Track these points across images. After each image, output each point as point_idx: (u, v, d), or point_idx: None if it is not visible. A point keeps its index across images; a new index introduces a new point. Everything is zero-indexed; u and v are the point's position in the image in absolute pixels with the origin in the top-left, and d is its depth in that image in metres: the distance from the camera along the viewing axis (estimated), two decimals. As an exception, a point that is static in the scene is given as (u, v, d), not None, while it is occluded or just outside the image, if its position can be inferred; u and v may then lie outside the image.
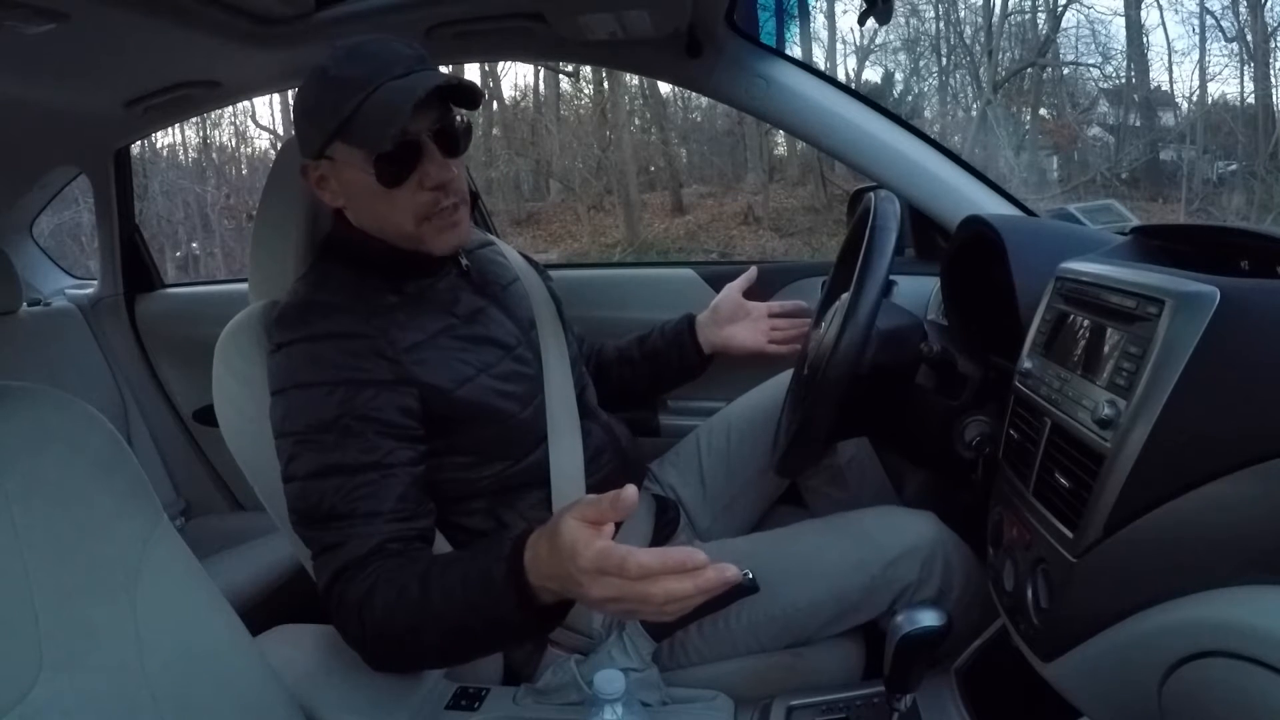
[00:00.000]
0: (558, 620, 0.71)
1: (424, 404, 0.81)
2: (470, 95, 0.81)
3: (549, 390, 0.93)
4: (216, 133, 8.08)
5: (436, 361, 0.83)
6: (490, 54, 1.51)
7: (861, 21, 1.26)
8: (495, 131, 8.06)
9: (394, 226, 0.83)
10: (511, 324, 0.93)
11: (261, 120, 8.10)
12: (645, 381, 1.20)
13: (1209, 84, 6.59)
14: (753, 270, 1.25)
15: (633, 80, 7.67)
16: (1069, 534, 0.62)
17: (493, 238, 1.09)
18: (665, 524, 1.06)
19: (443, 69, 0.91)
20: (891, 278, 0.98)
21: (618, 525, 0.98)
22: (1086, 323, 0.69)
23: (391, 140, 0.76)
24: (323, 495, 0.75)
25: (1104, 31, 6.92)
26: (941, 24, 7.41)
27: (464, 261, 0.93)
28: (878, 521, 0.95)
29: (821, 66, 6.62)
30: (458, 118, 0.83)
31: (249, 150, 8.28)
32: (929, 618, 0.70)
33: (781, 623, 0.90)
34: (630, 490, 0.61)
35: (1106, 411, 0.59)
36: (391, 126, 0.75)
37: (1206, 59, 6.54)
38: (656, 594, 0.58)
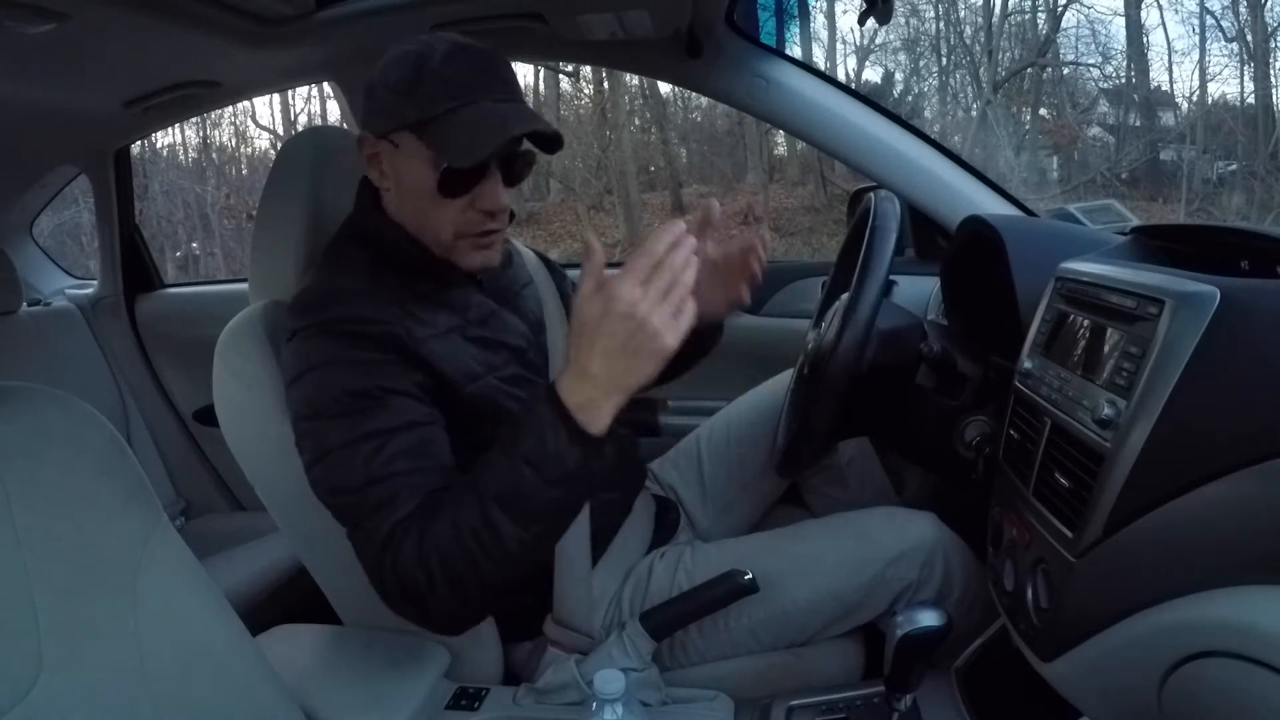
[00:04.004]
0: (609, 459, 0.71)
1: (438, 390, 0.81)
2: (552, 143, 0.82)
3: None
4: (216, 133, 8.09)
5: (448, 355, 0.82)
6: (490, 54, 1.51)
7: (861, 21, 1.26)
8: (495, 131, 8.04)
9: (431, 231, 0.83)
10: (523, 326, 0.93)
11: (261, 120, 8.12)
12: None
13: (1209, 84, 6.60)
14: (712, 204, 0.91)
15: (633, 80, 7.68)
16: (1069, 534, 0.62)
17: (507, 237, 1.08)
18: (665, 524, 1.06)
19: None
20: (891, 278, 0.98)
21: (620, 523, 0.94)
22: (1086, 323, 0.69)
23: (472, 161, 0.76)
24: (361, 460, 0.72)
25: (1104, 31, 6.94)
26: (941, 24, 7.42)
27: None
28: (878, 521, 0.95)
29: (821, 66, 6.62)
30: (527, 146, 0.83)
31: (249, 150, 8.29)
32: (929, 618, 0.70)
33: (782, 622, 0.90)
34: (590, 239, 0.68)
35: (1106, 411, 0.59)
36: (478, 149, 0.76)
37: (1206, 59, 6.55)
38: (676, 267, 0.63)
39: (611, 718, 0.66)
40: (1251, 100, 6.42)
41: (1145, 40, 6.81)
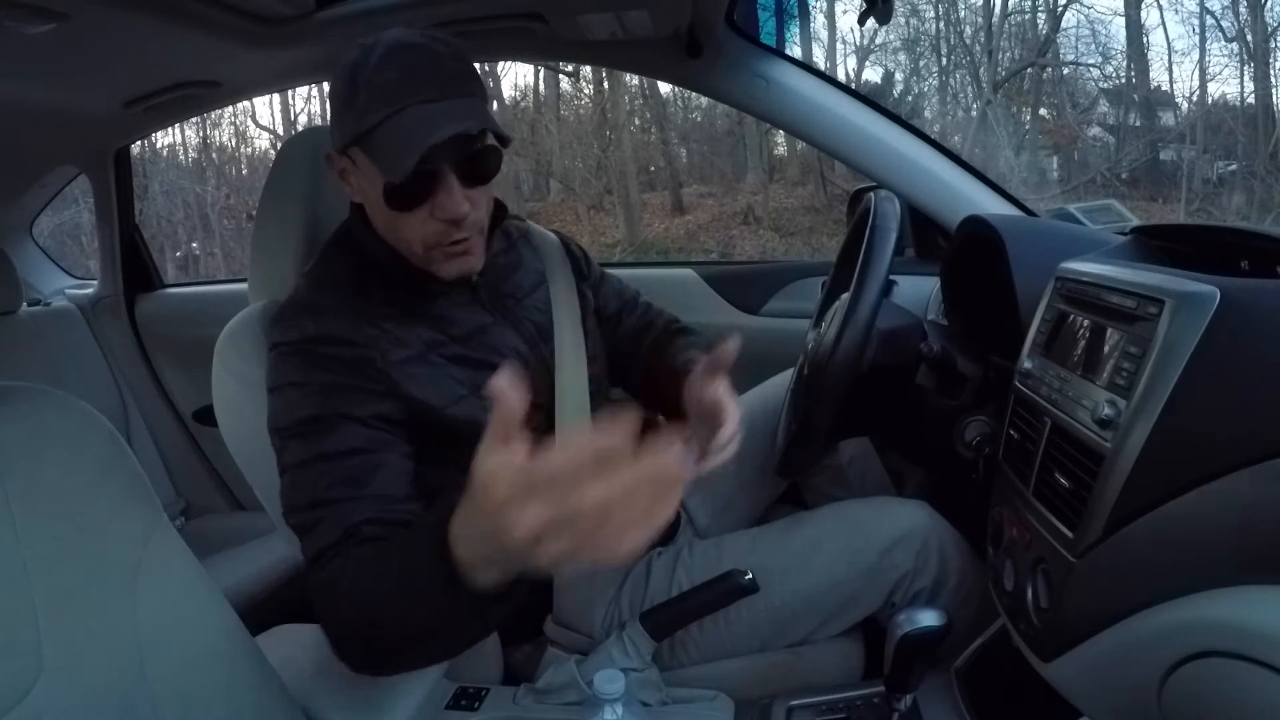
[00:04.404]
0: (500, 608, 0.60)
1: (412, 416, 0.80)
2: (487, 160, 0.77)
3: (561, 402, 0.90)
4: (216, 133, 8.08)
5: (426, 377, 0.81)
6: (490, 54, 1.52)
7: (861, 21, 1.26)
8: (495, 131, 8.04)
9: (403, 244, 0.81)
10: (518, 340, 0.89)
11: (261, 120, 8.11)
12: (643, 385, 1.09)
13: (1209, 84, 6.60)
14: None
15: (633, 80, 7.67)
16: (1069, 534, 0.62)
17: (529, 225, 1.02)
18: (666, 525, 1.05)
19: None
20: (891, 278, 0.98)
21: None
22: (1086, 323, 0.69)
23: (401, 174, 0.72)
24: (308, 483, 0.74)
25: (1104, 31, 6.93)
26: (941, 24, 7.41)
27: (474, 277, 0.89)
28: (870, 511, 0.96)
29: (821, 66, 6.62)
30: (489, 141, 0.77)
31: (249, 150, 8.28)
32: (929, 618, 0.71)
33: (782, 616, 0.90)
34: (502, 379, 0.47)
35: (1106, 411, 0.59)
36: (405, 159, 0.71)
37: (1206, 59, 6.55)
38: (585, 506, 0.44)
39: (611, 718, 0.66)
40: (1251, 100, 6.42)
41: (1145, 40, 6.81)
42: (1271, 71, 6.39)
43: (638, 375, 1.07)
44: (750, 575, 0.86)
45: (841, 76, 7.38)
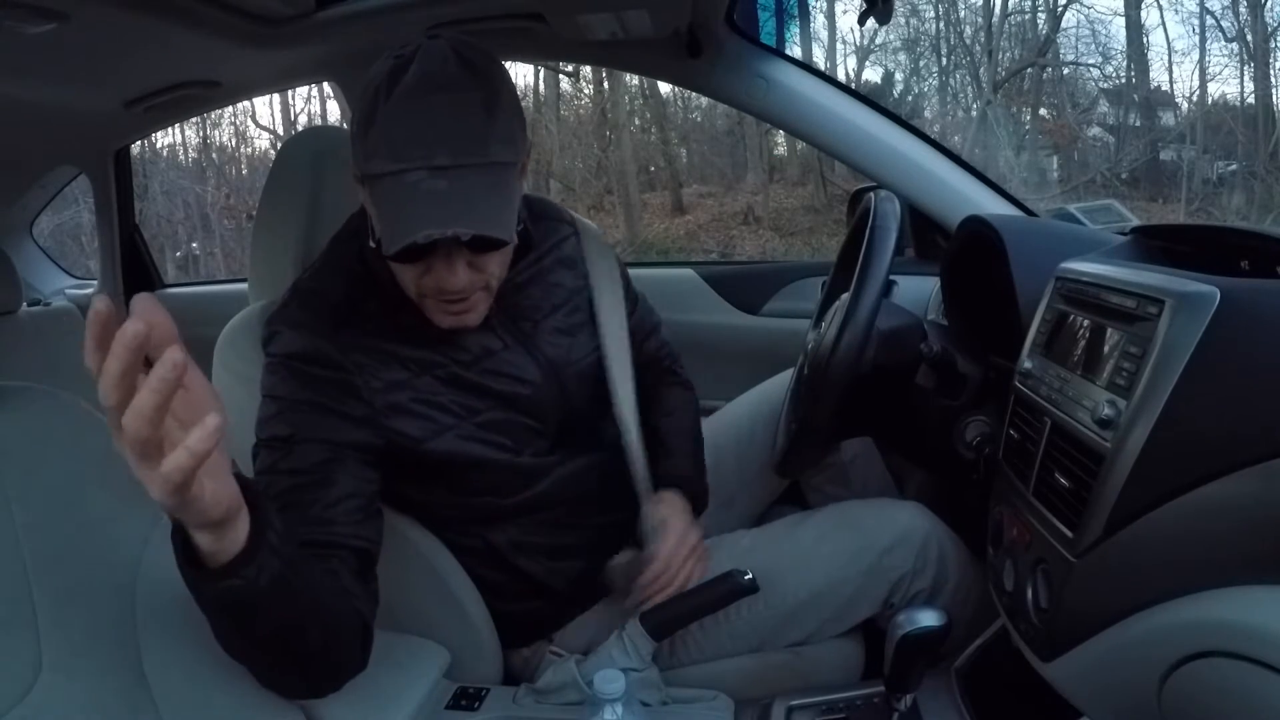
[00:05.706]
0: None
1: (390, 448, 0.79)
2: (489, 242, 0.71)
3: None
4: (216, 133, 8.08)
5: (410, 407, 0.80)
6: (490, 54, 1.52)
7: (861, 21, 1.26)
8: (495, 131, 8.03)
9: (399, 280, 0.77)
10: (532, 369, 0.86)
11: (261, 120, 8.11)
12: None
13: (1209, 84, 6.60)
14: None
15: (633, 80, 7.68)
16: (1069, 534, 0.62)
17: (577, 230, 0.97)
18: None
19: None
20: (891, 278, 0.98)
21: None
22: (1086, 323, 0.69)
23: (391, 250, 0.69)
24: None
25: (1104, 31, 6.93)
26: (941, 24, 7.42)
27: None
28: (868, 512, 0.96)
29: (821, 66, 6.62)
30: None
31: (249, 150, 8.28)
32: (929, 618, 0.71)
33: (782, 616, 0.90)
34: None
35: (1106, 411, 0.59)
36: (394, 239, 0.68)
37: (1206, 59, 6.55)
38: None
39: (611, 718, 0.66)
40: (1251, 100, 6.42)
41: (1145, 40, 6.81)
42: (1271, 71, 6.40)
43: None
44: (750, 575, 0.86)
45: (841, 76, 7.38)
